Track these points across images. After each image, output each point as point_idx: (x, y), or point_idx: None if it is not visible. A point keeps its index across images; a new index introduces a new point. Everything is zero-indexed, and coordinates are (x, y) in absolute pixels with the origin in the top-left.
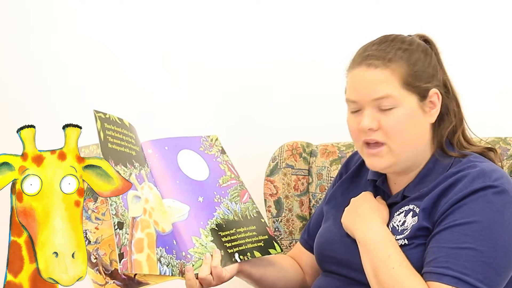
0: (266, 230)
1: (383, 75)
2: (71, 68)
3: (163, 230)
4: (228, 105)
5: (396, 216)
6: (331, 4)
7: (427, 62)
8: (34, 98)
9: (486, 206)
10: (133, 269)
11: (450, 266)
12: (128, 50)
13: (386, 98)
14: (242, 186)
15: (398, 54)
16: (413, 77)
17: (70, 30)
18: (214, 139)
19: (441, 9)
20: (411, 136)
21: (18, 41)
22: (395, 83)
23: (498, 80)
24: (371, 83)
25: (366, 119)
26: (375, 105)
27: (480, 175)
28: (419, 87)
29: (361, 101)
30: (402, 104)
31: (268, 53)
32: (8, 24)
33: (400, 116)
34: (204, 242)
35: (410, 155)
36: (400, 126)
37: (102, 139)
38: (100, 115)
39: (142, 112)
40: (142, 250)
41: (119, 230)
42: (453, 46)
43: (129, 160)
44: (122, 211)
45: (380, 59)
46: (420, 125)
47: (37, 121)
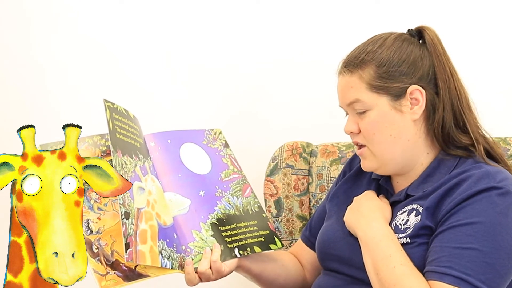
0: (268, 225)
1: (351, 81)
2: (71, 68)
3: (165, 223)
4: (228, 105)
5: (399, 215)
6: (331, 4)
7: (402, 60)
8: (34, 98)
9: (490, 207)
10: (138, 260)
11: (453, 266)
12: (128, 50)
13: (356, 103)
14: (244, 180)
15: (366, 58)
16: (381, 79)
17: (70, 30)
18: (217, 132)
19: (441, 9)
20: (388, 137)
21: (18, 41)
22: (362, 88)
23: (498, 80)
24: (343, 89)
25: (347, 124)
26: (352, 110)
27: (484, 176)
28: (389, 88)
29: (342, 107)
30: (373, 106)
31: (268, 53)
32: (8, 24)
33: (372, 118)
34: (204, 236)
35: (396, 155)
36: (373, 128)
37: (111, 128)
38: (109, 104)
39: (142, 112)
40: (145, 241)
41: (125, 220)
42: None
43: (134, 151)
44: (129, 201)
45: (350, 65)
46: (398, 125)
47: (37, 121)
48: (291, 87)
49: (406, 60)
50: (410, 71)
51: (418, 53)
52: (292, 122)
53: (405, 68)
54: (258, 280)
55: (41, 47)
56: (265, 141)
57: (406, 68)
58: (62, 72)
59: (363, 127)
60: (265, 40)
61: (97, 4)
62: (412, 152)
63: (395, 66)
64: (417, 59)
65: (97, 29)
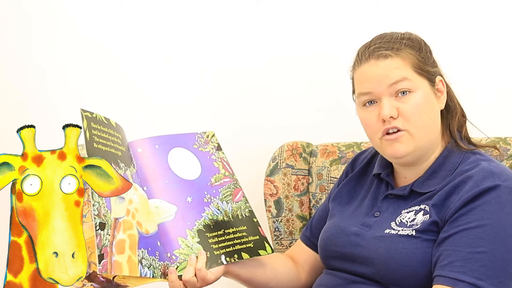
0: (258, 230)
1: (395, 62)
2: (71, 69)
3: (147, 231)
4: (228, 105)
5: (405, 213)
6: (331, 5)
7: (430, 51)
8: (34, 98)
9: (499, 208)
10: (113, 271)
11: (466, 272)
12: (128, 51)
13: (402, 82)
14: (236, 184)
15: (403, 43)
16: (422, 62)
17: (70, 31)
18: (210, 135)
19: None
20: (429, 120)
21: (18, 41)
22: (408, 68)
23: (498, 80)
24: (386, 70)
25: (386, 108)
26: (392, 92)
27: (489, 175)
28: (429, 72)
29: (376, 91)
30: (417, 88)
31: (268, 53)
32: (8, 24)
33: (417, 100)
34: (190, 243)
35: (428, 140)
36: (418, 110)
37: (88, 138)
38: (87, 114)
39: (142, 112)
40: (123, 251)
41: (100, 231)
42: (453, 46)
43: (115, 160)
44: (105, 211)
45: (388, 49)
46: (435, 110)
47: (37, 121)
48: (291, 87)
49: (432, 52)
50: (435, 62)
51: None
52: (292, 122)
53: (432, 59)
54: (249, 284)
55: (41, 47)
56: (265, 141)
57: (433, 59)
58: (62, 72)
59: (406, 110)
60: (265, 40)
61: (97, 4)
62: (436, 141)
63: (428, 53)
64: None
65: (97, 29)
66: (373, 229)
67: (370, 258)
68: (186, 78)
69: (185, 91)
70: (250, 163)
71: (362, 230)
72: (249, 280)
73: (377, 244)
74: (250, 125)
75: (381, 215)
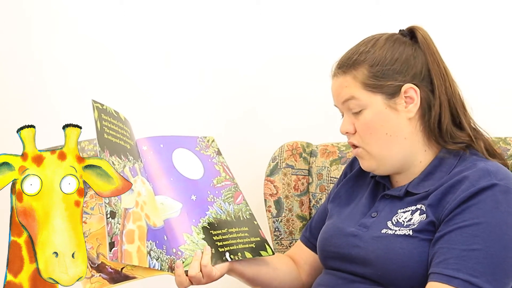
0: (259, 232)
1: (345, 81)
2: (71, 68)
3: (154, 224)
4: (228, 105)
5: (401, 213)
6: (331, 5)
7: (395, 59)
8: (34, 98)
9: (495, 207)
10: (123, 259)
11: (460, 269)
12: (128, 51)
13: (351, 100)
14: (236, 187)
15: (359, 59)
16: (375, 78)
17: (70, 30)
18: (210, 140)
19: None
20: (383, 135)
21: (18, 41)
22: (357, 86)
23: (498, 80)
24: (337, 89)
25: (343, 124)
26: (347, 109)
27: (485, 174)
28: (383, 86)
29: (338, 106)
30: (368, 105)
31: (268, 53)
32: (8, 24)
33: (367, 118)
34: (196, 239)
35: (394, 153)
36: (368, 128)
37: (99, 128)
38: (97, 105)
39: (142, 112)
40: (133, 241)
41: (111, 219)
42: (453, 46)
43: (124, 152)
44: (115, 201)
45: (343, 67)
46: (393, 123)
47: (37, 121)
48: (291, 87)
49: (398, 59)
50: (403, 69)
51: (410, 52)
52: (292, 122)
53: (398, 67)
54: (254, 283)
55: (41, 47)
56: (265, 141)
57: (399, 67)
58: (62, 72)
59: (359, 127)
60: (265, 40)
61: (97, 4)
62: (409, 150)
63: (388, 64)
64: (410, 58)
65: (97, 29)
66: (371, 229)
67: (368, 258)
68: (186, 78)
69: (185, 91)
70: (250, 163)
71: (359, 231)
72: (253, 279)
73: (374, 244)
74: (250, 125)
75: (378, 215)
